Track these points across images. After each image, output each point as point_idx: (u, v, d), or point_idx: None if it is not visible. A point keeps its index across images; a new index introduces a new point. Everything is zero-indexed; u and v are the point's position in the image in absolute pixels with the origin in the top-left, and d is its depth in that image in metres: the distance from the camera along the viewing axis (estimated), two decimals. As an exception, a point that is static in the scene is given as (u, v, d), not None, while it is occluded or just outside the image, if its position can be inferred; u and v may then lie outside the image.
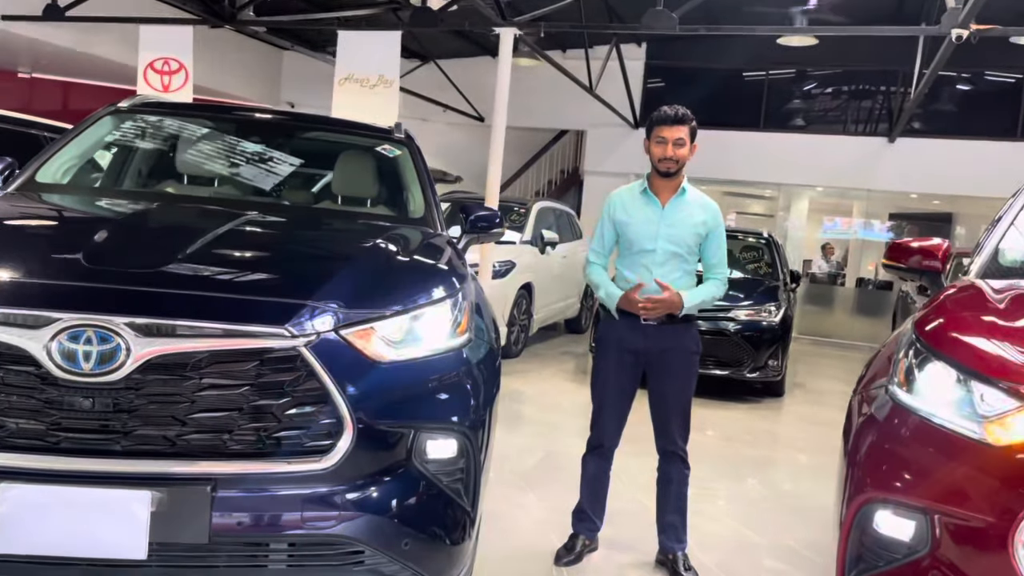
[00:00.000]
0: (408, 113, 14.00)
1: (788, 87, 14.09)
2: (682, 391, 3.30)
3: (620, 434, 3.42)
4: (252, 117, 4.18)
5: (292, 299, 2.10)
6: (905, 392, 2.02)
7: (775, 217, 16.40)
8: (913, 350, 2.10)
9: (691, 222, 3.24)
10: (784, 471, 5.20)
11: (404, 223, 3.40)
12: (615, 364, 3.32)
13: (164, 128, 3.76)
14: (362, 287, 2.27)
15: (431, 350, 2.28)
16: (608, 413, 3.37)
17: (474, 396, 2.35)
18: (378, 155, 3.85)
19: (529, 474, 4.60)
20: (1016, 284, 2.73)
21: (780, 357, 7.30)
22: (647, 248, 3.24)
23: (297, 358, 2.02)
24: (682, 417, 3.32)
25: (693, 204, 3.27)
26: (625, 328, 3.28)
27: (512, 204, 9.80)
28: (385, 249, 2.67)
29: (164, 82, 8.12)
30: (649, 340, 3.24)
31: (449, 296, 2.44)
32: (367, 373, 2.12)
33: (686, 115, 3.21)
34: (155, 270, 2.13)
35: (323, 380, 2.03)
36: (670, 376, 3.27)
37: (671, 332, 3.24)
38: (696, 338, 3.32)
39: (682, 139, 3.18)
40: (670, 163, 3.19)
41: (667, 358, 3.26)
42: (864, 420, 2.15)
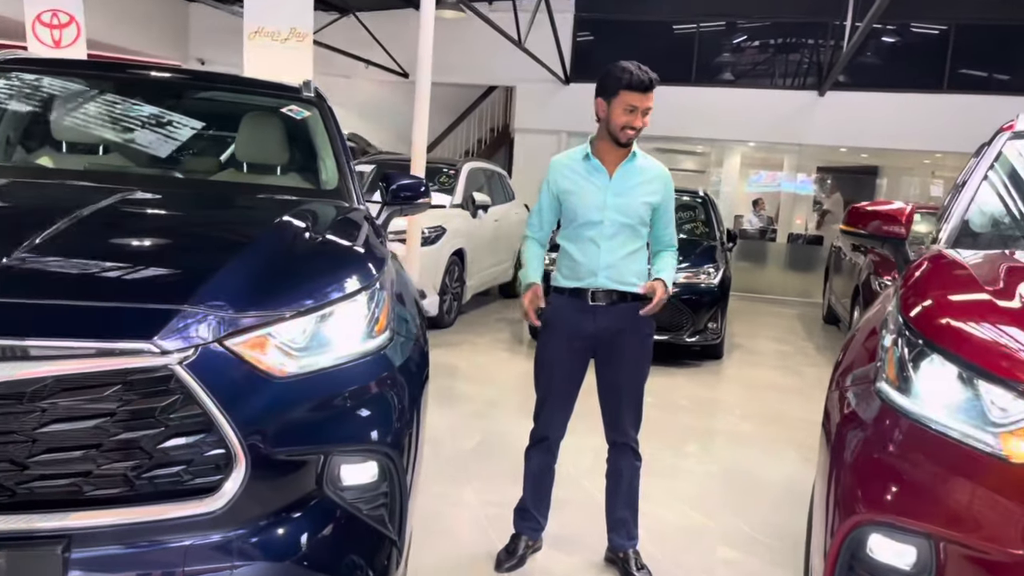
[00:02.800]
0: (328, 70, 13.27)
1: (719, 40, 13.87)
2: (636, 378, 2.99)
3: (566, 426, 3.11)
4: (139, 75, 3.64)
5: (161, 303, 1.69)
6: (898, 392, 1.74)
7: (707, 173, 16.33)
8: (904, 340, 1.82)
9: (642, 191, 2.91)
10: (729, 443, 5.02)
11: (314, 196, 2.98)
12: (562, 351, 2.98)
13: (38, 89, 3.21)
14: (254, 283, 1.86)
15: (343, 356, 1.90)
16: (553, 404, 3.05)
17: (397, 406, 1.99)
18: (284, 117, 3.39)
19: (466, 462, 4.28)
20: (992, 254, 2.49)
21: (719, 320, 7.13)
22: (594, 220, 2.88)
23: (170, 378, 1.63)
24: (635, 406, 3.03)
25: (644, 171, 2.94)
26: (573, 310, 2.94)
27: (440, 165, 9.34)
28: (286, 232, 2.25)
29: (55, 37, 7.31)
30: (600, 323, 2.91)
31: (365, 287, 2.06)
32: (262, 391, 1.73)
33: (655, 79, 2.85)
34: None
35: (204, 404, 1.64)
36: (623, 362, 2.96)
37: (625, 313, 2.91)
38: (650, 319, 3.01)
39: (651, 108, 2.85)
40: (632, 133, 2.85)
41: (620, 342, 2.93)
42: (849, 423, 1.87)
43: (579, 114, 14.08)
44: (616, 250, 2.88)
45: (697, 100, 12.94)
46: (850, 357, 2.26)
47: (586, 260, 2.90)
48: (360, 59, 13.26)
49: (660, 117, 13.12)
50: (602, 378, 3.03)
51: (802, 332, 9.52)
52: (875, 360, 1.96)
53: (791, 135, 13.10)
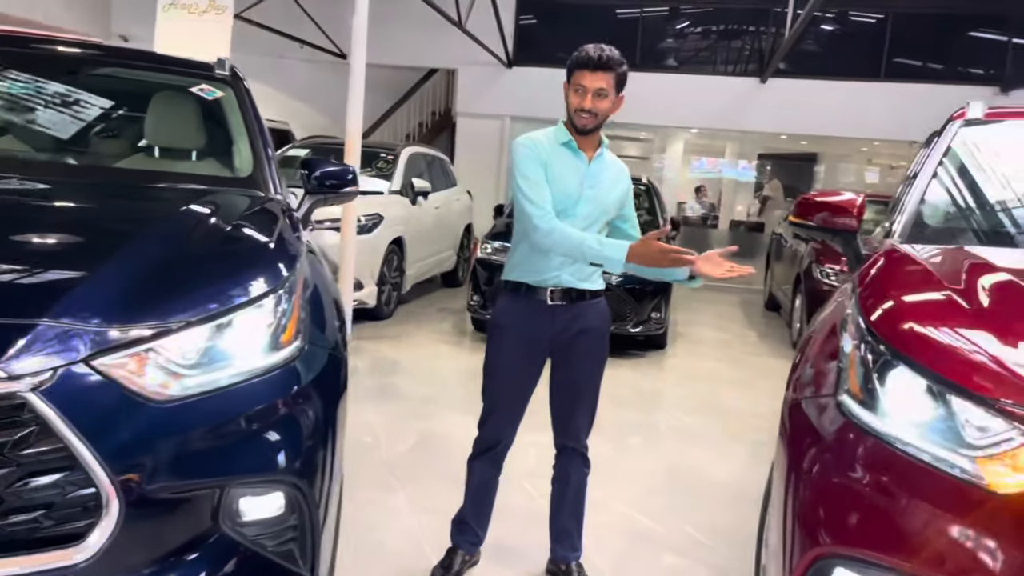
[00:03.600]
0: (262, 49, 12.78)
1: (662, 26, 13.79)
2: (593, 379, 2.80)
3: (513, 435, 2.88)
4: (30, 49, 3.27)
5: (11, 318, 1.42)
6: (862, 407, 1.57)
7: (651, 159, 16.30)
8: (867, 347, 1.66)
9: (611, 184, 2.69)
10: (674, 439, 4.89)
11: (226, 185, 2.70)
12: (515, 357, 2.72)
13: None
14: (134, 290, 1.60)
15: (242, 372, 1.66)
16: (504, 413, 2.80)
17: (308, 427, 1.75)
18: (194, 98, 3.08)
19: (399, 465, 4.05)
20: (950, 250, 2.36)
21: (663, 309, 7.02)
22: (566, 209, 2.59)
23: (22, 408, 1.36)
24: (590, 409, 2.84)
25: (613, 166, 2.73)
26: (528, 311, 2.67)
27: (378, 150, 9.02)
28: (178, 229, 1.98)
29: (-48, 8, 6.77)
30: (559, 324, 2.67)
31: (271, 291, 1.81)
32: (138, 418, 1.48)
33: (612, 59, 2.53)
34: None
35: (65, 437, 1.38)
36: (582, 363, 2.75)
37: (585, 312, 2.69)
38: (607, 316, 2.80)
39: (604, 89, 2.54)
40: (586, 117, 2.57)
41: (579, 343, 2.71)
42: (808, 439, 1.70)
43: (522, 98, 13.94)
44: None
45: (641, 86, 12.68)
46: (808, 360, 2.10)
47: (548, 254, 2.62)
48: (295, 39, 12.79)
49: (603, 102, 12.58)
50: (557, 380, 2.81)
51: (743, 320, 9.52)
52: (835, 364, 1.80)
53: (733, 122, 13.11)
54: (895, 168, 15.67)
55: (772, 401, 5.85)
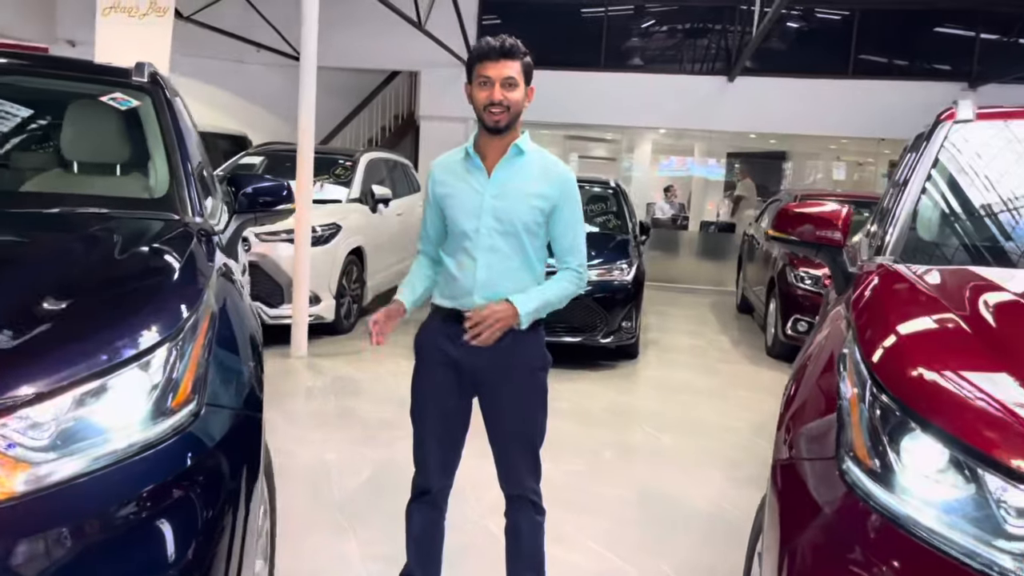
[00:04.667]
0: (219, 53, 12.38)
1: (627, 24, 13.57)
2: (525, 421, 2.48)
3: (451, 475, 2.59)
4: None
5: None
6: (872, 479, 1.30)
7: (618, 160, 16.09)
8: (873, 402, 1.39)
9: (526, 191, 2.37)
10: (647, 461, 4.62)
11: (135, 207, 2.37)
12: (434, 382, 2.48)
13: None
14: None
15: (114, 452, 1.34)
16: (430, 448, 2.53)
17: (206, 518, 1.43)
18: (105, 109, 2.74)
19: (351, 502, 3.73)
20: (955, 271, 2.10)
21: (634, 318, 6.76)
22: (468, 228, 2.38)
23: None
24: (529, 453, 2.52)
25: (532, 168, 2.41)
26: (444, 335, 2.44)
27: (336, 156, 8.68)
28: (49, 270, 1.64)
29: None
30: (474, 353, 2.38)
31: (161, 342, 1.49)
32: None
33: (515, 47, 2.31)
34: None
35: None
36: (510, 403, 2.45)
37: (506, 342, 2.39)
38: (542, 349, 2.49)
39: (512, 78, 2.30)
40: (499, 112, 2.31)
41: (501, 377, 2.42)
42: (804, 512, 1.42)
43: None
44: (494, 265, 2.37)
45: (606, 86, 12.62)
46: (802, 398, 1.82)
47: (461, 276, 2.40)
48: (251, 42, 12.37)
49: (568, 103, 12.75)
50: (487, 421, 2.52)
51: (716, 324, 9.30)
52: (834, 416, 1.52)
53: (701, 121, 12.94)
54: (862, 165, 15.62)
55: (747, 413, 5.65)
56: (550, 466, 3.57)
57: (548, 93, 12.39)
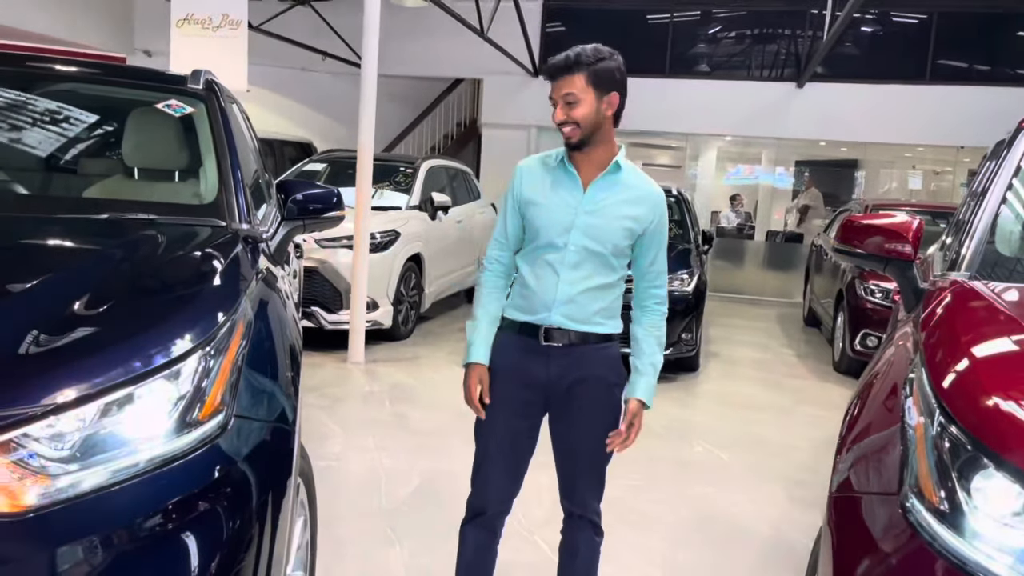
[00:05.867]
0: (286, 61, 12.65)
1: (694, 30, 13.34)
2: (595, 439, 2.35)
3: (511, 498, 2.47)
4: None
5: None
6: (939, 521, 1.18)
7: (682, 168, 15.84)
8: (942, 433, 1.26)
9: (621, 213, 2.26)
10: (706, 479, 4.46)
11: (183, 213, 2.37)
12: (506, 401, 2.35)
13: None
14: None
15: (136, 464, 1.31)
16: (494, 469, 2.41)
17: (235, 533, 1.40)
18: (160, 116, 2.77)
19: (399, 513, 3.69)
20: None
21: (694, 329, 6.59)
22: (556, 242, 2.26)
23: None
24: (596, 474, 2.42)
25: (628, 188, 2.29)
26: (522, 350, 2.32)
27: (397, 163, 8.72)
28: (83, 278, 1.63)
29: (-41, 25, 6.64)
30: (554, 369, 2.29)
31: (191, 351, 1.46)
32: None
33: (580, 57, 2.17)
34: None
35: None
36: (581, 419, 2.34)
37: (585, 356, 2.29)
38: (618, 363, 2.36)
39: (572, 94, 2.18)
40: (567, 130, 2.21)
41: (578, 393, 2.32)
42: (861, 552, 1.30)
43: (549, 108, 13.54)
44: (578, 282, 2.26)
45: (672, 92, 12.42)
46: (864, 423, 1.70)
47: (540, 290, 2.29)
48: (316, 50, 12.59)
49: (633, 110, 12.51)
50: (555, 437, 2.42)
51: (782, 336, 9.03)
52: (899, 448, 1.40)
53: (769, 128, 12.62)
54: (939, 174, 15.01)
55: (813, 431, 5.42)
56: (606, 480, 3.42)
57: (611, 100, 12.32)
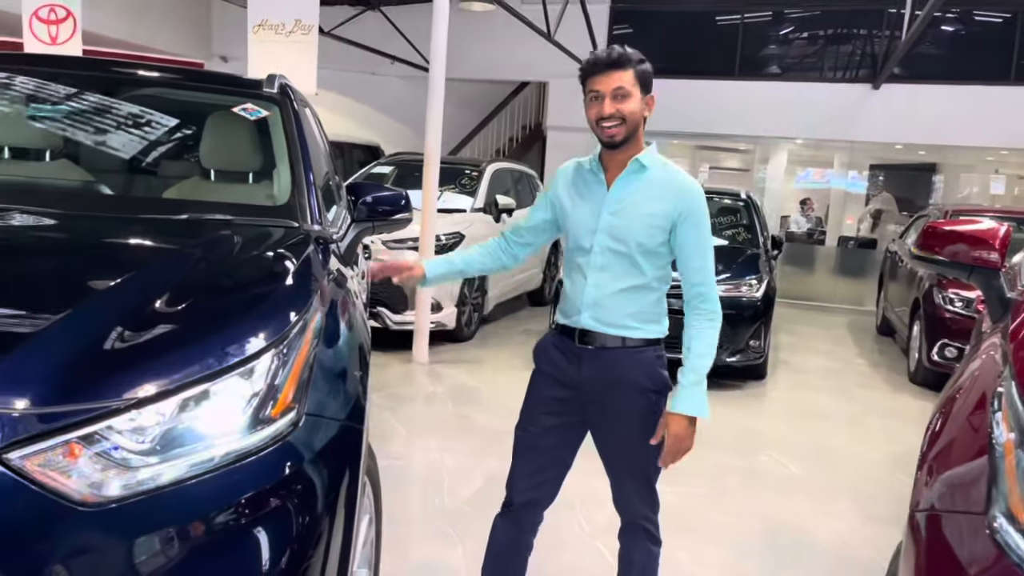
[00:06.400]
0: (355, 66, 12.85)
1: (765, 31, 13.08)
2: (637, 448, 2.29)
3: (539, 494, 2.44)
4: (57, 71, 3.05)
5: None
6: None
7: (751, 172, 15.56)
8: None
9: (643, 211, 2.20)
10: (773, 489, 4.36)
11: (257, 214, 2.43)
12: (541, 400, 2.38)
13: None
14: (79, 357, 1.31)
15: (215, 458, 1.34)
16: (519, 461, 2.41)
17: (305, 529, 1.42)
18: (236, 119, 2.85)
19: (461, 512, 3.71)
20: None
21: (762, 337, 6.45)
22: (584, 245, 2.27)
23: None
24: (642, 480, 2.37)
25: (654, 184, 2.23)
26: (559, 349, 2.34)
27: (462, 166, 8.79)
28: (161, 276, 1.68)
29: (51, 33, 6.92)
30: (586, 371, 2.27)
31: (265, 349, 1.49)
32: (58, 531, 1.18)
33: (625, 55, 2.15)
34: None
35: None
36: (617, 424, 2.29)
37: (618, 360, 2.25)
38: (657, 368, 2.29)
39: (623, 88, 2.14)
40: (611, 125, 2.17)
41: (612, 398, 2.27)
42: (945, 573, 1.24)
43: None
44: (604, 285, 2.24)
45: (741, 94, 12.20)
46: (948, 437, 1.63)
47: (573, 294, 2.32)
48: (385, 55, 12.78)
49: (701, 112, 12.39)
50: (597, 445, 2.40)
51: (853, 345, 8.76)
52: (985, 462, 1.34)
53: (842, 131, 12.27)
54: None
55: (885, 444, 5.25)
56: (668, 488, 3.42)
57: (679, 102, 12.18)
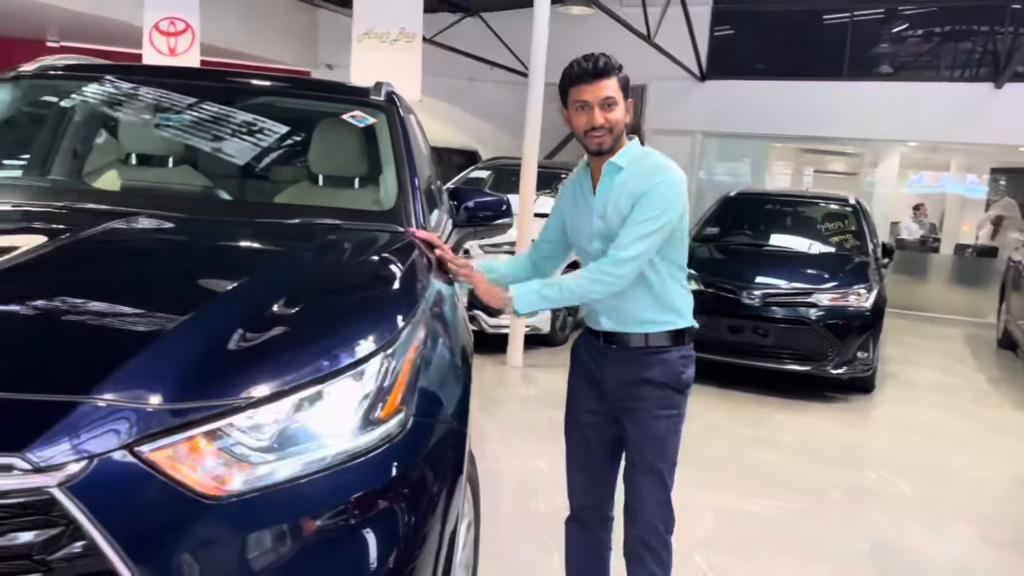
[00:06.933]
0: (451, 72, 13.04)
1: (875, 30, 12.55)
2: (650, 448, 2.25)
3: (598, 497, 2.44)
4: (174, 81, 3.16)
5: (44, 394, 1.22)
6: None
7: (858, 175, 14.95)
8: None
9: (621, 207, 2.19)
10: (881, 509, 4.15)
11: (364, 219, 2.49)
12: (578, 401, 2.42)
13: (72, 98, 2.92)
14: (203, 356, 1.37)
15: (323, 459, 1.38)
16: (571, 464, 2.47)
17: (412, 530, 1.44)
18: (344, 126, 2.92)
19: (557, 519, 3.65)
20: None
21: (871, 348, 6.17)
22: (587, 250, 2.31)
23: (52, 505, 1.15)
24: (656, 485, 2.27)
25: (629, 181, 2.20)
26: (587, 349, 2.39)
27: (558, 170, 8.78)
28: (277, 278, 1.74)
29: (170, 44, 7.33)
30: (609, 370, 2.30)
31: (375, 352, 1.52)
32: (186, 521, 1.23)
33: (609, 64, 2.17)
34: None
35: (96, 542, 1.15)
36: (635, 426, 2.27)
37: (637, 360, 2.25)
38: (678, 366, 2.25)
39: (611, 97, 2.15)
40: (600, 135, 2.17)
41: (630, 396, 2.26)
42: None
43: (715, 113, 13.23)
44: None
45: (850, 95, 11.73)
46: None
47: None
48: (485, 61, 12.92)
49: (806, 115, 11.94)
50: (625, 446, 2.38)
51: (971, 360, 8.28)
52: None
53: (960, 132, 11.62)
54: None
55: (1007, 465, 4.93)
56: (764, 501, 3.33)
57: (781, 105, 11.85)
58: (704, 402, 5.75)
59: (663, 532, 2.30)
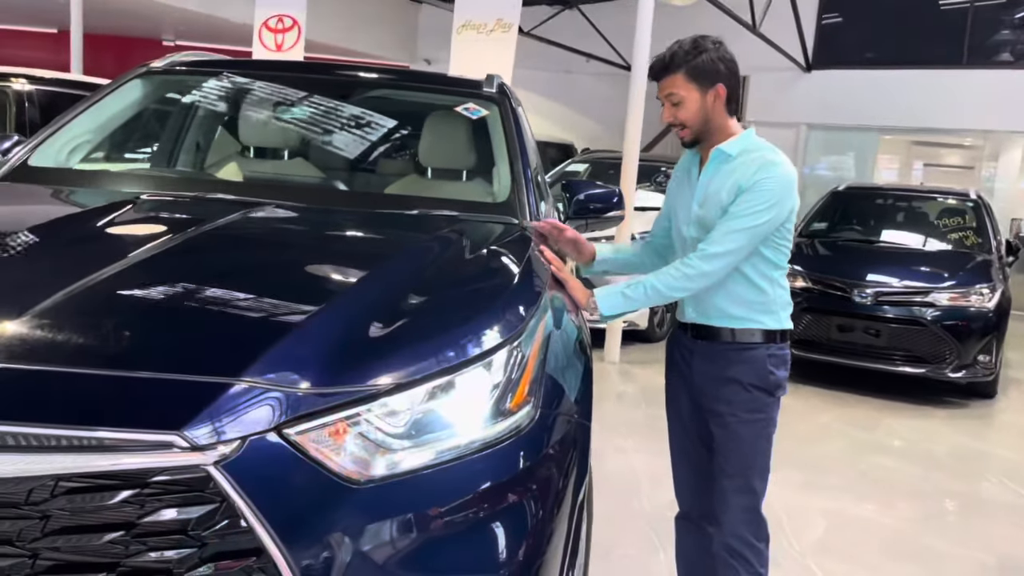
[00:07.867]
0: (550, 65, 13.04)
1: (997, 15, 11.82)
2: (738, 455, 2.15)
3: (705, 495, 2.33)
4: (296, 75, 3.26)
5: (200, 376, 1.26)
6: None
7: (975, 169, 14.14)
8: None
9: (721, 198, 2.09)
10: (1005, 520, 3.92)
11: (480, 211, 2.49)
12: (672, 397, 2.40)
13: (196, 93, 3.04)
14: (345, 343, 1.39)
15: (457, 447, 1.38)
16: (677, 465, 2.43)
17: (540, 524, 1.43)
18: (458, 118, 2.94)
19: (662, 517, 3.61)
20: None
21: (993, 351, 5.84)
22: (684, 236, 2.24)
23: (207, 482, 1.19)
24: (743, 491, 2.17)
25: (737, 171, 2.10)
26: (676, 344, 2.34)
27: (658, 163, 8.66)
28: (408, 268, 1.76)
29: (278, 41, 7.57)
30: (695, 365, 2.23)
31: (504, 343, 1.52)
32: (330, 503, 1.26)
33: (676, 56, 2.08)
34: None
35: (248, 519, 1.19)
36: (720, 429, 2.18)
37: (721, 354, 2.16)
38: (768, 366, 2.13)
39: (673, 94, 2.09)
40: (679, 130, 2.15)
41: (715, 395, 2.18)
42: None
43: (821, 104, 12.75)
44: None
45: (969, 84, 11.11)
46: None
47: None
48: (581, 53, 12.85)
49: (919, 105, 11.41)
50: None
51: (1104, 366, 7.73)
52: None
53: (1093, 122, 10.86)
54: None
55: None
56: (878, 508, 3.19)
57: (894, 94, 11.32)
58: (813, 404, 5.56)
59: (752, 540, 2.20)
